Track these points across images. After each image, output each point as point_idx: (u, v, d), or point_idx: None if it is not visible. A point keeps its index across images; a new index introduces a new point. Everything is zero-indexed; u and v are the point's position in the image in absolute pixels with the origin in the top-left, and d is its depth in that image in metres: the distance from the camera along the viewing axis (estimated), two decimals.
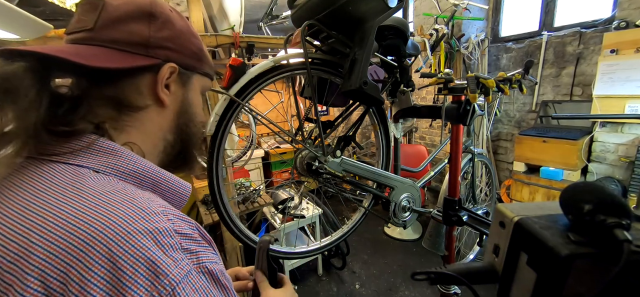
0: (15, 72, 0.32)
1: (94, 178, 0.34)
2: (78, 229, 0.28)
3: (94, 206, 0.30)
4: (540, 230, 0.33)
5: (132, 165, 0.38)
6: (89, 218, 0.29)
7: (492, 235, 0.41)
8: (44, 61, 0.35)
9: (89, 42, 0.40)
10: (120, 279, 0.26)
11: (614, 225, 0.29)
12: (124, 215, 0.30)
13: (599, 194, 0.31)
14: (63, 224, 0.28)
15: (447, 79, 1.17)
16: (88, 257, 0.26)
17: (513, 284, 0.37)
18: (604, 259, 0.29)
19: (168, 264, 0.29)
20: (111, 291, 0.26)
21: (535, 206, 0.38)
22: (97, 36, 0.40)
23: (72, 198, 0.31)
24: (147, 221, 0.30)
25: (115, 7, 0.40)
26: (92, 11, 0.40)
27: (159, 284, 0.27)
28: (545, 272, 0.32)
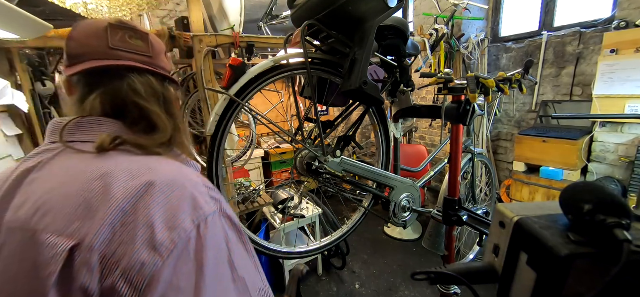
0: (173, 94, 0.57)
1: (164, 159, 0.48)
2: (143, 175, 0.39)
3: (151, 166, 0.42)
4: (540, 230, 0.33)
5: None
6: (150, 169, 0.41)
7: (492, 235, 0.41)
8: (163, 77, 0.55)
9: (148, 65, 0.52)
10: (173, 206, 0.37)
11: (614, 225, 0.29)
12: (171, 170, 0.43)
13: (599, 194, 0.31)
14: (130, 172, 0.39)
15: (447, 79, 1.17)
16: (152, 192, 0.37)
17: (513, 284, 0.37)
18: (604, 259, 0.29)
19: (202, 202, 0.40)
20: (167, 214, 0.36)
21: (535, 206, 0.38)
22: (152, 62, 0.53)
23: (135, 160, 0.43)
24: (184, 175, 0.43)
25: (155, 42, 0.55)
26: (144, 41, 0.53)
27: (197, 214, 0.38)
28: (545, 272, 0.32)
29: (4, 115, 1.70)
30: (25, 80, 1.85)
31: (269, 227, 2.49)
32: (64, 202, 0.35)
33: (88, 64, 0.47)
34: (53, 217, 0.34)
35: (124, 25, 0.50)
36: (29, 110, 1.77)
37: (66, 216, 0.34)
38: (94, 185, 0.36)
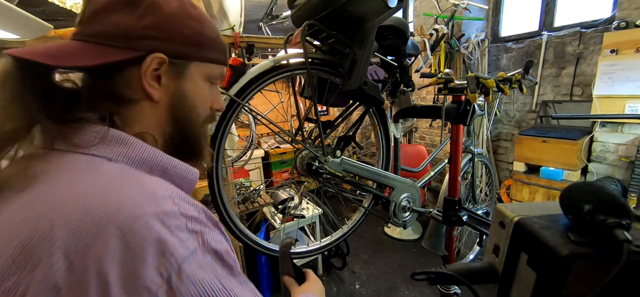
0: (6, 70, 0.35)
1: (107, 165, 0.37)
2: (94, 211, 0.30)
3: (107, 190, 0.32)
4: (540, 230, 0.33)
5: (142, 153, 0.40)
6: (102, 201, 0.31)
7: (492, 235, 0.41)
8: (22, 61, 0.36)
9: (77, 38, 0.40)
10: (132, 256, 0.29)
11: (614, 225, 0.29)
12: (134, 199, 0.32)
13: (599, 194, 0.31)
14: (81, 206, 0.30)
15: (447, 79, 1.17)
16: (104, 236, 0.29)
17: (513, 284, 0.37)
18: (604, 259, 0.29)
19: (174, 243, 0.31)
20: (124, 269, 0.28)
21: (535, 206, 0.38)
22: (84, 31, 0.40)
23: (88, 183, 0.33)
24: (154, 204, 0.33)
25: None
26: (84, 3, 0.40)
27: (166, 262, 0.30)
28: (546, 272, 0.32)
29: None
30: None
31: (269, 227, 2.49)
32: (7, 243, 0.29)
33: None
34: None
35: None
36: None
37: (4, 263, 0.28)
38: (40, 225, 0.29)
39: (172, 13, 0.42)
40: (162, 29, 0.41)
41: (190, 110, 0.47)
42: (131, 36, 0.39)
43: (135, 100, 0.42)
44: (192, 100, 0.46)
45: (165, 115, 0.45)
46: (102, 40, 0.39)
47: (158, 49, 0.41)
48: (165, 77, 0.43)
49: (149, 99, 0.42)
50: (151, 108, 0.43)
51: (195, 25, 0.44)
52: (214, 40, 0.47)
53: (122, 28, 0.39)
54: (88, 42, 0.39)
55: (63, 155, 0.36)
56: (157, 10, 0.41)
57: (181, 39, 0.43)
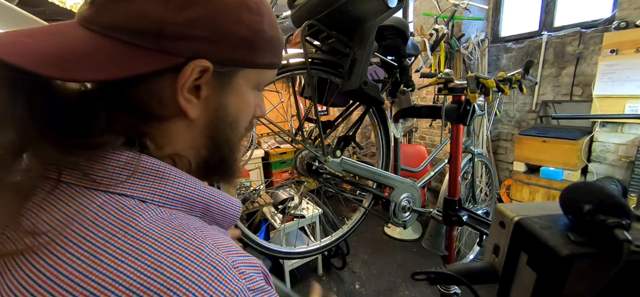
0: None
1: (144, 215, 0.27)
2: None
3: (158, 267, 0.24)
4: (540, 230, 0.33)
5: (182, 190, 0.31)
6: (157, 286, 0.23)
7: (492, 235, 0.41)
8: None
9: (89, 25, 0.28)
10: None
11: (614, 225, 0.29)
12: (196, 279, 0.24)
13: (599, 194, 0.31)
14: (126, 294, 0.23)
15: (447, 79, 1.17)
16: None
17: (513, 284, 0.37)
18: (604, 259, 0.29)
19: None
20: None
21: (535, 206, 0.38)
22: (97, 17, 0.28)
23: (129, 254, 0.24)
24: (221, 282, 0.25)
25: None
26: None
27: None
28: (546, 272, 0.32)
29: None
30: None
31: (269, 227, 2.50)
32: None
33: None
34: None
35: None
36: None
37: None
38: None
39: (225, 3, 0.30)
40: (210, 25, 0.29)
41: (232, 130, 0.37)
42: (167, 34, 0.28)
43: (165, 117, 0.32)
44: (234, 116, 0.36)
45: (202, 137, 0.35)
46: (125, 37, 0.28)
47: (202, 54, 0.30)
48: (206, 89, 0.32)
49: (183, 117, 0.32)
50: (185, 127, 0.33)
51: (254, 21, 0.32)
52: (273, 41, 0.36)
53: (155, 21, 0.28)
54: (104, 37, 0.28)
55: (79, 194, 0.27)
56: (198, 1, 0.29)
57: (234, 41, 0.31)
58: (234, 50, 0.32)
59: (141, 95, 0.30)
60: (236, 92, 0.35)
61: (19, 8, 1.05)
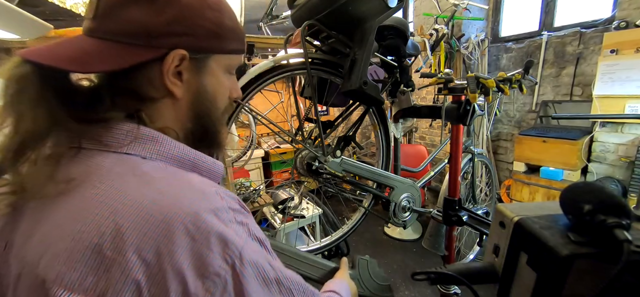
0: (25, 74, 0.34)
1: (146, 165, 0.37)
2: (157, 212, 0.32)
3: (162, 192, 0.34)
4: (540, 230, 0.33)
5: (174, 150, 0.40)
6: (162, 203, 0.33)
7: (492, 235, 0.41)
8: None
9: (93, 34, 0.38)
10: (200, 248, 0.32)
11: (614, 225, 0.29)
12: (189, 197, 0.34)
13: (599, 194, 0.31)
14: (142, 209, 0.32)
15: (447, 79, 1.17)
16: (173, 235, 0.31)
17: (513, 284, 0.37)
18: (604, 259, 0.29)
19: (231, 235, 0.34)
20: (195, 260, 0.31)
21: (535, 206, 0.38)
22: (99, 27, 0.37)
23: (139, 185, 0.34)
24: (206, 201, 0.35)
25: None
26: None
27: (229, 250, 0.33)
28: (546, 272, 0.32)
29: None
30: None
31: (269, 227, 2.49)
32: (73, 246, 0.30)
33: None
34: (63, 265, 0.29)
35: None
36: None
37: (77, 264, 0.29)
38: (104, 228, 0.30)
39: (191, 4, 0.39)
40: (182, 23, 0.39)
41: (211, 104, 0.46)
42: (152, 33, 0.37)
43: (156, 97, 0.41)
44: (212, 94, 0.45)
45: (187, 111, 0.44)
46: (122, 39, 0.37)
47: (180, 45, 0.39)
48: (186, 73, 0.41)
49: (170, 96, 0.41)
50: (172, 105, 0.42)
51: (214, 16, 0.41)
52: (234, 30, 0.45)
53: (143, 25, 0.37)
54: (106, 41, 0.37)
55: (95, 155, 0.36)
56: (175, 3, 0.38)
57: (201, 33, 0.40)
58: (203, 40, 0.41)
59: (137, 81, 0.40)
60: (211, 74, 0.44)
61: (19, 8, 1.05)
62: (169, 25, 0.38)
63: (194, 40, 0.40)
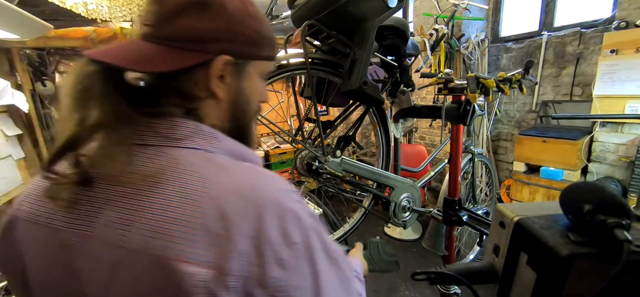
0: (92, 72, 0.38)
1: (216, 156, 0.42)
2: (249, 197, 0.37)
3: (245, 178, 0.39)
4: (540, 230, 0.33)
5: (228, 144, 0.45)
6: (250, 188, 0.38)
7: (492, 235, 0.41)
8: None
9: (151, 39, 0.42)
10: (284, 224, 0.37)
11: (614, 225, 0.28)
12: (266, 182, 0.40)
13: (599, 194, 0.31)
14: (235, 195, 0.37)
15: (447, 79, 1.17)
16: (264, 212, 0.36)
17: (513, 284, 0.37)
18: (604, 259, 0.29)
19: (302, 213, 0.40)
20: (282, 232, 0.37)
21: (535, 206, 0.38)
22: (157, 33, 0.41)
23: (222, 173, 0.39)
24: (279, 184, 0.41)
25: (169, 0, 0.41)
26: (154, 3, 0.42)
27: (301, 224, 0.39)
28: (546, 272, 0.32)
29: (4, 115, 1.70)
30: (25, 80, 1.85)
31: None
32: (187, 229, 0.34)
33: None
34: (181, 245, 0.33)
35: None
36: (29, 110, 1.77)
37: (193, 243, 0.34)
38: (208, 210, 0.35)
39: (236, 14, 0.43)
40: (229, 30, 0.43)
41: (247, 106, 0.50)
42: (204, 39, 0.41)
43: (201, 98, 0.45)
44: (248, 96, 0.49)
45: (226, 112, 0.47)
46: (176, 44, 0.41)
47: (225, 51, 0.43)
48: (228, 77, 0.45)
49: (213, 97, 0.45)
50: (214, 105, 0.46)
51: (255, 24, 0.45)
52: (269, 38, 0.49)
53: (196, 32, 0.41)
54: (162, 45, 0.41)
55: (166, 149, 0.40)
56: (223, 12, 0.42)
57: (243, 40, 0.44)
58: (244, 47, 0.45)
59: (184, 82, 0.43)
60: (248, 78, 0.48)
61: (19, 8, 1.05)
62: (218, 33, 0.42)
63: (237, 47, 0.44)
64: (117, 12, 1.76)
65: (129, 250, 0.34)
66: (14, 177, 1.66)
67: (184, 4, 0.40)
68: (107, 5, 1.70)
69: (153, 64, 0.40)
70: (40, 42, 1.68)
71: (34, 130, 1.83)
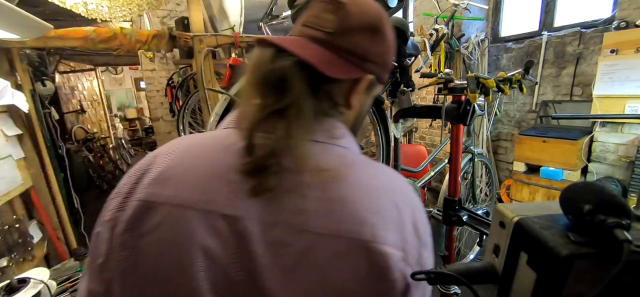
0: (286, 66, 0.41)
1: (363, 156, 0.47)
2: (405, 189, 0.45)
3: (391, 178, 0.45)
4: (540, 230, 0.33)
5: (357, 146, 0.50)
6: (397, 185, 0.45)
7: (492, 235, 0.41)
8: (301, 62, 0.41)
9: (324, 45, 0.44)
10: (421, 215, 0.44)
11: (614, 225, 0.28)
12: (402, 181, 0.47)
13: (599, 194, 0.31)
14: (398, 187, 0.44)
15: (447, 79, 1.17)
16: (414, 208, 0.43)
17: (513, 284, 0.36)
18: (604, 259, 0.29)
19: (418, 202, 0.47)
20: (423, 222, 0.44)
21: (535, 206, 0.38)
22: (332, 41, 0.44)
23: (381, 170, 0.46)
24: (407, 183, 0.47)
25: (352, 15, 0.44)
26: (333, 13, 0.44)
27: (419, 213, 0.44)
28: (546, 272, 0.32)
29: (4, 115, 1.70)
30: (25, 80, 1.85)
31: None
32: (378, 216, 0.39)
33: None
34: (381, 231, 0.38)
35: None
36: (29, 110, 1.77)
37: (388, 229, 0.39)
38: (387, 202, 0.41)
39: (389, 45, 0.49)
40: (381, 56, 0.48)
41: (363, 116, 0.56)
42: (366, 58, 0.46)
43: (340, 105, 0.48)
44: (366, 109, 0.55)
45: (351, 120, 0.52)
46: (347, 57, 0.44)
47: (373, 72, 0.47)
48: (362, 92, 0.49)
49: (347, 107, 0.49)
50: (346, 113, 0.50)
51: (392, 55, 0.52)
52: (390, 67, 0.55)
53: (363, 50, 0.45)
54: (334, 53, 0.44)
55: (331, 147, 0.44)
56: (384, 40, 0.48)
57: (384, 66, 0.50)
58: (382, 72, 0.50)
59: (335, 90, 0.46)
60: (370, 96, 0.54)
61: (19, 8, 1.05)
62: (375, 56, 0.47)
63: (379, 71, 0.49)
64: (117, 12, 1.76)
65: (320, 235, 0.37)
66: (14, 177, 1.66)
67: (363, 26, 0.45)
68: (107, 5, 1.70)
69: (334, 70, 0.42)
70: (40, 42, 1.68)
71: (34, 131, 1.83)
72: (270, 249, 0.37)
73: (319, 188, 0.39)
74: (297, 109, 0.40)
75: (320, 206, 0.38)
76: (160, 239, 0.38)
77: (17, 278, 1.08)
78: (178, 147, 0.44)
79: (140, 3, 1.75)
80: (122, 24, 2.28)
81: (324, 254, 0.37)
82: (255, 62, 0.43)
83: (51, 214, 1.91)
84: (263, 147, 0.39)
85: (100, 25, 2.01)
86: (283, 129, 0.39)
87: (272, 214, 0.38)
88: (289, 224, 0.38)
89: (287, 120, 0.39)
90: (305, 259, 0.37)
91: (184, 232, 0.37)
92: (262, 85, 0.41)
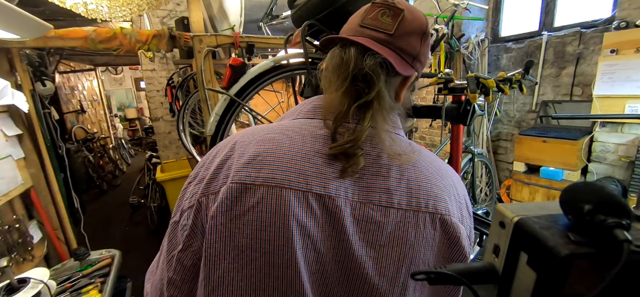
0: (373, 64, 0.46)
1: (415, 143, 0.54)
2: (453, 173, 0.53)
3: (444, 163, 0.53)
4: (540, 230, 0.33)
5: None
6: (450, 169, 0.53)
7: (492, 235, 0.41)
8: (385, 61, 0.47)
9: (386, 44, 0.49)
10: (466, 197, 0.52)
11: (614, 225, 0.28)
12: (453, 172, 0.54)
13: (599, 194, 0.31)
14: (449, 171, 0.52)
15: (447, 79, 1.17)
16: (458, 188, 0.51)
17: (513, 284, 0.36)
18: (604, 259, 0.29)
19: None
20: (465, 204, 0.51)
21: (535, 206, 0.38)
22: (393, 42, 0.49)
23: (435, 158, 0.53)
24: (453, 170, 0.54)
25: (409, 21, 0.50)
26: (391, 17, 0.49)
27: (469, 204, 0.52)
28: (545, 272, 0.32)
29: (4, 115, 1.70)
30: (25, 80, 1.85)
31: None
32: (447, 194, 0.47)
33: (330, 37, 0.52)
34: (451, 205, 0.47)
35: (383, 3, 0.51)
36: (29, 110, 1.77)
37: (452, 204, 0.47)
38: (448, 182, 0.49)
39: (428, 47, 0.55)
40: (424, 56, 0.53)
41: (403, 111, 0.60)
42: (416, 58, 0.51)
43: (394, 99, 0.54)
44: (406, 101, 0.59)
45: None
46: (404, 56, 0.50)
47: (417, 69, 0.53)
48: (408, 88, 0.55)
49: (398, 100, 0.54)
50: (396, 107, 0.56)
51: (429, 53, 0.58)
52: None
53: (415, 51, 0.51)
54: (396, 53, 0.49)
55: (397, 136, 0.50)
56: (427, 43, 0.54)
57: (424, 64, 0.55)
58: (422, 70, 0.56)
59: (393, 85, 0.52)
60: (409, 90, 0.58)
61: (19, 8, 1.05)
62: (422, 56, 0.52)
63: (421, 68, 0.55)
64: (117, 12, 1.76)
65: (405, 211, 0.44)
66: (13, 177, 1.66)
67: (417, 30, 0.51)
68: (107, 5, 1.70)
69: (401, 68, 0.48)
70: (40, 42, 1.68)
71: (34, 131, 1.83)
72: (360, 226, 0.42)
73: (397, 170, 0.45)
74: (380, 101, 0.46)
75: (401, 186, 0.44)
76: (258, 218, 0.41)
77: (17, 278, 1.08)
78: (256, 136, 0.47)
79: (140, 3, 1.75)
80: (122, 24, 2.28)
81: (409, 228, 0.43)
82: (342, 59, 0.47)
83: (51, 214, 1.91)
84: (349, 133, 0.43)
85: (100, 25, 2.00)
86: (368, 119, 0.44)
87: (361, 194, 0.43)
88: (377, 202, 0.43)
89: (372, 111, 0.45)
90: (392, 234, 0.43)
91: (282, 210, 0.41)
92: (351, 79, 0.45)
